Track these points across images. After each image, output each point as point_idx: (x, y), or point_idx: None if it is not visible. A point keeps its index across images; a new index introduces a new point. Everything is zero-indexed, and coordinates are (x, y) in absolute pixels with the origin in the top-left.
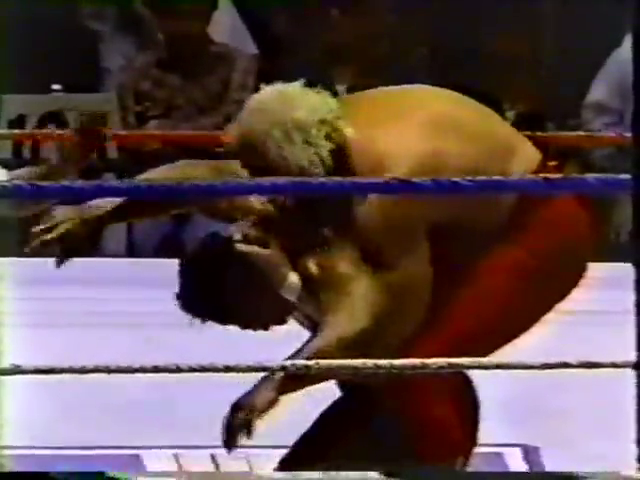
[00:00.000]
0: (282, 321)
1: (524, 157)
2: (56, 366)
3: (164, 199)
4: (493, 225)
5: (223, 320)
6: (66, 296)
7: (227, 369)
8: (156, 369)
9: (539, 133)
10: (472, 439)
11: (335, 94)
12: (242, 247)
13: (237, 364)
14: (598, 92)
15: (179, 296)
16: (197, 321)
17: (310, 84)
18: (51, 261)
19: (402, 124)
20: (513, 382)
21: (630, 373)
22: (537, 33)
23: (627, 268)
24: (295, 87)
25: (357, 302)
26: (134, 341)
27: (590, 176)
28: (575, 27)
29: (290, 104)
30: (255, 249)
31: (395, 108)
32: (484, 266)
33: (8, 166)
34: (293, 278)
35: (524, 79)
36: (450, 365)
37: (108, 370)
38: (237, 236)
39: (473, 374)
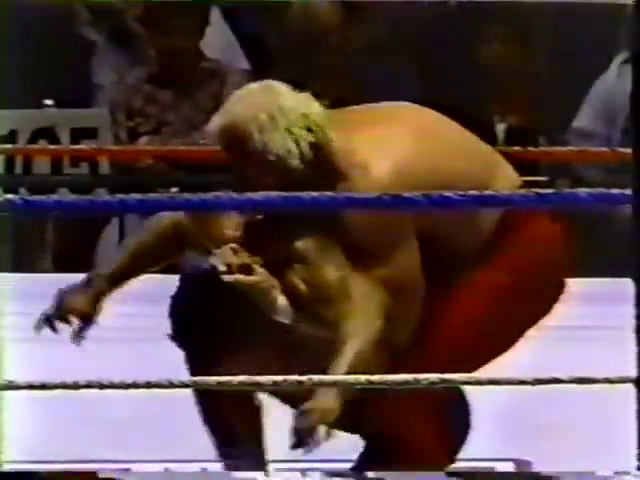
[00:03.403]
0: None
1: (504, 179)
2: (49, 382)
3: (155, 213)
4: (472, 246)
5: (219, 354)
6: None
7: (219, 384)
8: (149, 385)
9: (530, 148)
10: (452, 454)
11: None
12: (228, 278)
13: (229, 380)
14: (583, 118)
15: (174, 337)
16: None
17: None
18: (44, 276)
19: (385, 131)
20: (505, 397)
21: (626, 389)
22: (529, 47)
23: (610, 283)
24: (280, 85)
25: (363, 303)
26: (127, 356)
27: (582, 191)
28: (568, 41)
29: (275, 95)
30: (240, 278)
31: (379, 118)
32: (463, 286)
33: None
34: (282, 300)
35: (516, 93)
36: (443, 380)
37: (101, 386)
38: (221, 267)
39: (466, 389)
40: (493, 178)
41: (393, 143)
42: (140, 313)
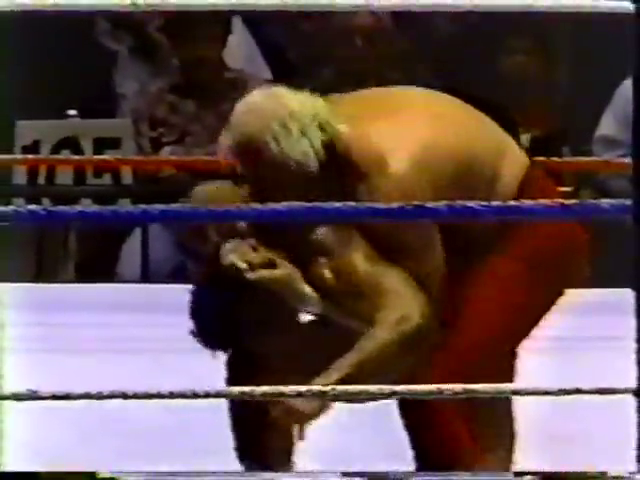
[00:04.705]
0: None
1: (514, 160)
2: (72, 392)
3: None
4: (484, 233)
5: (241, 349)
6: (82, 322)
7: (242, 394)
8: (172, 395)
9: (554, 158)
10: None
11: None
12: (251, 276)
13: (252, 389)
14: (606, 126)
15: (196, 334)
16: (219, 353)
17: None
18: (67, 286)
19: (399, 119)
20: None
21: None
22: (551, 58)
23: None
24: (280, 88)
25: (397, 297)
26: (149, 366)
27: (605, 201)
28: (591, 51)
29: (281, 100)
30: (264, 274)
31: (391, 106)
32: (478, 277)
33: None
34: (308, 291)
35: (539, 103)
36: (466, 391)
37: (124, 396)
38: (242, 265)
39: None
40: (503, 160)
41: (409, 131)
42: (161, 323)
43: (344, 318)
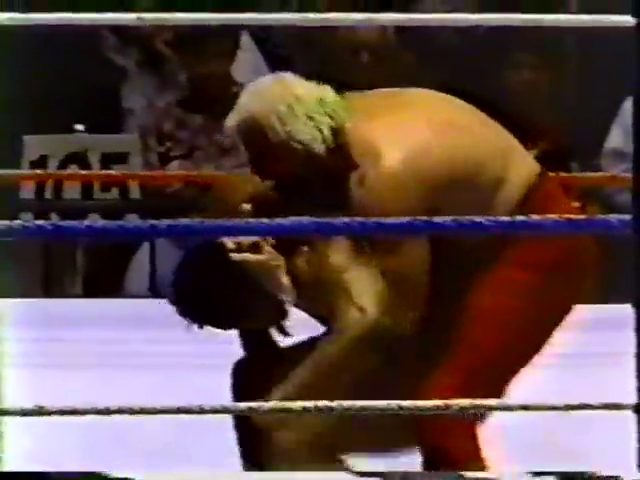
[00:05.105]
0: (280, 323)
1: (521, 166)
2: (79, 407)
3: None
4: (488, 241)
5: (221, 326)
6: (89, 337)
7: (250, 410)
8: (179, 410)
9: (562, 173)
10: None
11: None
12: (236, 257)
13: (260, 405)
14: (615, 139)
15: (175, 302)
16: (194, 326)
17: None
18: (73, 302)
19: (402, 118)
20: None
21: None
22: (558, 72)
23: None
24: (288, 74)
25: (358, 294)
26: (158, 381)
27: (612, 217)
28: (598, 66)
29: (289, 85)
30: (249, 257)
31: (397, 104)
32: (481, 289)
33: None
34: (285, 281)
35: (546, 118)
36: (474, 406)
37: (131, 411)
38: (230, 245)
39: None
40: (509, 167)
41: (409, 132)
42: (169, 338)
43: (309, 307)
